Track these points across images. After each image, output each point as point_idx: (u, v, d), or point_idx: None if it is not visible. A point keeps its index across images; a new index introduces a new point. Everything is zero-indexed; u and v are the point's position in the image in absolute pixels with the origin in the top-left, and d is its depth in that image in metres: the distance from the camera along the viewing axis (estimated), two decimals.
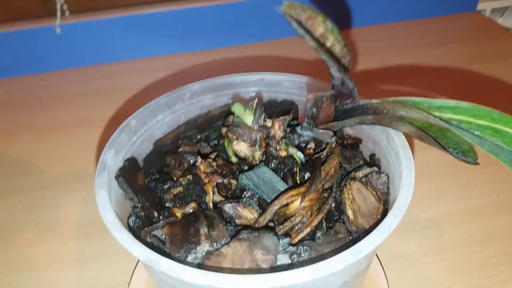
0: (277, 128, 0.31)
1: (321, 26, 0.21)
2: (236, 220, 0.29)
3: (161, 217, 0.30)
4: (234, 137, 0.32)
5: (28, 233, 0.48)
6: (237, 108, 0.32)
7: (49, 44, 0.72)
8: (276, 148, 0.32)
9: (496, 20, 0.84)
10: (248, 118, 0.32)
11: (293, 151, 0.31)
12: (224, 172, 0.31)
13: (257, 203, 0.30)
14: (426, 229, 0.46)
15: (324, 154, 0.32)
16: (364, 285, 0.41)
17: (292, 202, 0.29)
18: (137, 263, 0.43)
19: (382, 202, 0.31)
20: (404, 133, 0.31)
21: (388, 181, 0.31)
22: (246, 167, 0.32)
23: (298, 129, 0.30)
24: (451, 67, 0.71)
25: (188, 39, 0.76)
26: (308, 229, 0.29)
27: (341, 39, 0.23)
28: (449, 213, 0.48)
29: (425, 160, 0.54)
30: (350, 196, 0.30)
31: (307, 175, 0.32)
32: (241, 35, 0.78)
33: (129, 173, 0.32)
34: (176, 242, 0.27)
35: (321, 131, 0.29)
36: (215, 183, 0.31)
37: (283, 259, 0.27)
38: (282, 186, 0.31)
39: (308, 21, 0.21)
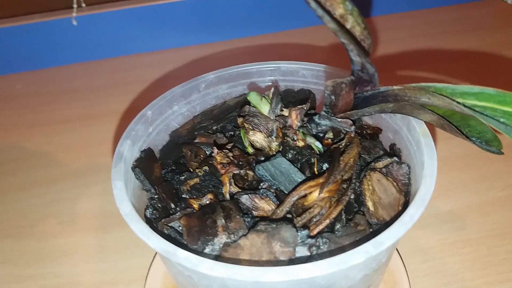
0: (294, 118, 0.31)
1: (341, 6, 0.21)
2: (253, 212, 0.29)
3: (178, 209, 0.30)
4: (250, 127, 0.32)
5: (47, 226, 0.48)
6: (253, 97, 0.31)
7: (66, 36, 0.72)
8: (293, 138, 0.31)
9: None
10: (265, 107, 0.31)
11: (311, 140, 0.31)
12: (240, 163, 0.31)
13: (274, 194, 0.30)
14: (447, 222, 0.45)
15: (343, 144, 0.31)
16: (384, 279, 0.40)
17: (310, 193, 0.28)
18: (154, 256, 0.43)
19: (403, 193, 0.30)
20: (425, 122, 0.30)
21: (410, 171, 0.31)
22: (262, 158, 0.32)
23: (316, 118, 0.29)
24: (473, 54, 0.69)
25: (204, 30, 0.76)
26: (327, 221, 0.28)
27: (361, 21, 0.22)
28: (471, 206, 0.46)
29: (445, 151, 0.53)
30: (370, 187, 0.29)
31: (325, 165, 0.31)
32: (256, 25, 0.77)
33: (145, 164, 0.32)
34: (193, 233, 0.27)
35: (339, 120, 0.28)
36: (231, 174, 0.30)
37: (302, 252, 0.27)
38: (299, 177, 0.30)
39: (327, 1, 0.20)
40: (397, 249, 0.42)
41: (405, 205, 0.30)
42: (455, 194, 0.48)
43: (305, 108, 0.31)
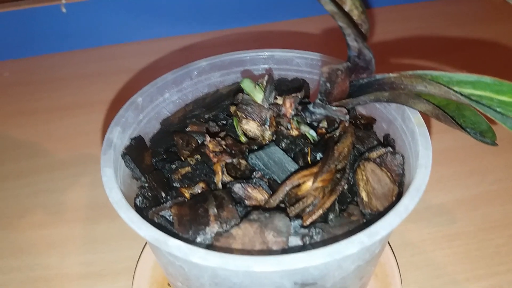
0: (288, 106, 0.30)
1: None
2: (246, 201, 0.28)
3: (168, 198, 0.29)
4: (243, 115, 0.31)
5: (33, 217, 0.47)
6: (246, 84, 0.30)
7: (54, 24, 0.70)
8: (287, 127, 0.30)
9: (510, 1, 0.82)
10: (258, 95, 0.31)
11: (305, 129, 0.30)
12: (233, 151, 0.30)
13: (267, 183, 0.29)
14: (437, 215, 0.45)
15: (337, 134, 0.31)
16: (375, 271, 0.40)
17: (304, 182, 0.28)
18: (143, 248, 0.43)
19: (397, 183, 0.30)
20: (420, 113, 0.30)
21: (404, 162, 0.30)
22: (255, 147, 0.31)
23: (310, 106, 0.29)
24: (467, 47, 0.70)
25: (194, 20, 0.75)
26: (320, 211, 0.28)
27: (359, 4, 0.22)
28: (461, 199, 0.47)
29: (436, 145, 0.52)
30: (364, 177, 0.29)
31: (318, 155, 0.30)
32: (249, 15, 0.76)
33: (136, 152, 0.31)
34: (185, 223, 0.27)
35: (334, 108, 0.27)
36: (224, 163, 0.30)
37: (295, 242, 0.26)
38: (293, 166, 0.29)
39: None
40: (388, 242, 0.42)
41: (399, 196, 0.29)
42: (446, 188, 0.48)
43: (299, 96, 0.30)
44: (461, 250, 0.42)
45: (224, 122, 0.35)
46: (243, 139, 0.32)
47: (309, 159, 0.30)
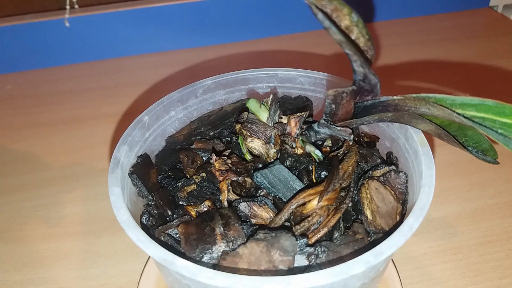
0: (293, 125, 0.31)
1: (347, 18, 0.21)
2: (252, 220, 0.29)
3: (175, 216, 0.30)
4: (248, 134, 0.32)
5: (36, 231, 0.47)
6: (252, 104, 0.31)
7: (58, 38, 0.71)
8: (292, 146, 0.31)
9: (508, 17, 0.83)
10: (263, 114, 0.31)
11: (310, 148, 0.30)
12: (238, 169, 0.31)
13: (273, 202, 0.30)
14: (439, 229, 0.46)
15: (341, 152, 0.31)
16: (378, 286, 0.40)
17: (309, 201, 0.28)
18: (146, 262, 0.43)
19: (400, 202, 0.30)
20: (422, 131, 0.30)
21: (407, 180, 0.31)
22: (260, 165, 0.32)
23: (315, 126, 0.29)
24: (466, 63, 0.70)
25: (199, 34, 0.76)
26: (325, 229, 0.28)
27: (366, 32, 0.22)
28: (462, 213, 0.47)
29: (436, 159, 0.53)
30: (368, 195, 0.29)
31: (323, 173, 0.31)
32: (254, 29, 0.77)
33: (142, 170, 0.31)
34: (192, 241, 0.27)
35: (339, 128, 0.28)
36: (230, 181, 0.30)
37: (300, 260, 0.27)
38: (298, 185, 0.30)
39: (334, 13, 0.20)
40: None
41: (403, 214, 0.30)
42: (447, 201, 0.48)
43: (304, 116, 0.31)
44: (462, 263, 0.42)
45: (229, 139, 0.35)
46: (248, 157, 0.32)
47: (313, 177, 0.31)
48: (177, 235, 0.28)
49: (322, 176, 0.31)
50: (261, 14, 0.75)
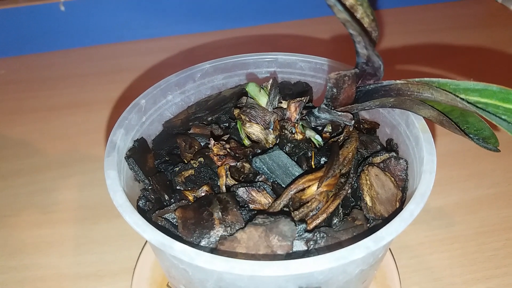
0: (293, 110, 0.30)
1: None
2: (250, 205, 0.28)
3: (172, 200, 0.29)
4: (247, 119, 0.31)
5: (31, 216, 0.47)
6: (251, 88, 0.30)
7: (53, 22, 0.70)
8: (292, 131, 0.30)
9: (508, 7, 0.82)
10: (262, 99, 0.31)
11: (310, 134, 0.30)
12: (237, 155, 0.30)
13: (271, 187, 0.29)
14: (436, 218, 0.46)
15: (341, 138, 0.31)
16: (376, 273, 0.40)
17: (308, 187, 0.28)
18: (142, 249, 0.43)
19: (400, 189, 0.30)
20: (424, 118, 0.30)
21: (407, 167, 0.30)
22: (259, 150, 0.31)
23: (316, 111, 0.29)
24: (467, 51, 0.70)
25: (197, 19, 0.74)
26: (324, 215, 0.28)
27: (370, 12, 0.22)
28: (459, 203, 0.47)
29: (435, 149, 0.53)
30: (368, 182, 0.29)
31: (322, 159, 0.31)
32: (254, 15, 0.76)
33: (139, 154, 0.31)
34: (189, 226, 0.26)
35: (340, 113, 0.28)
36: (228, 166, 0.30)
37: (299, 246, 0.26)
38: (297, 170, 0.29)
39: None
40: None
41: (402, 201, 0.29)
42: (444, 191, 0.48)
43: (304, 101, 0.30)
44: (459, 253, 0.42)
45: (227, 124, 0.35)
46: (246, 142, 0.32)
47: (312, 163, 0.30)
48: (174, 220, 0.28)
49: (321, 162, 0.31)
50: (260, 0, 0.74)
